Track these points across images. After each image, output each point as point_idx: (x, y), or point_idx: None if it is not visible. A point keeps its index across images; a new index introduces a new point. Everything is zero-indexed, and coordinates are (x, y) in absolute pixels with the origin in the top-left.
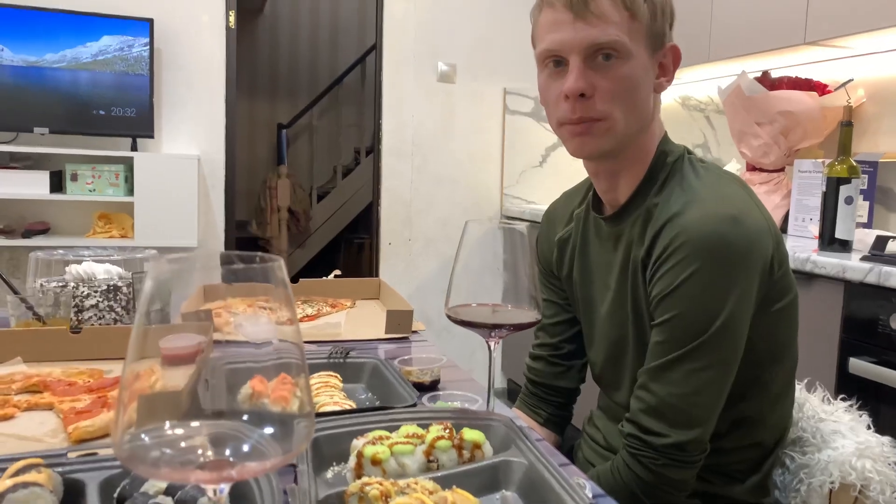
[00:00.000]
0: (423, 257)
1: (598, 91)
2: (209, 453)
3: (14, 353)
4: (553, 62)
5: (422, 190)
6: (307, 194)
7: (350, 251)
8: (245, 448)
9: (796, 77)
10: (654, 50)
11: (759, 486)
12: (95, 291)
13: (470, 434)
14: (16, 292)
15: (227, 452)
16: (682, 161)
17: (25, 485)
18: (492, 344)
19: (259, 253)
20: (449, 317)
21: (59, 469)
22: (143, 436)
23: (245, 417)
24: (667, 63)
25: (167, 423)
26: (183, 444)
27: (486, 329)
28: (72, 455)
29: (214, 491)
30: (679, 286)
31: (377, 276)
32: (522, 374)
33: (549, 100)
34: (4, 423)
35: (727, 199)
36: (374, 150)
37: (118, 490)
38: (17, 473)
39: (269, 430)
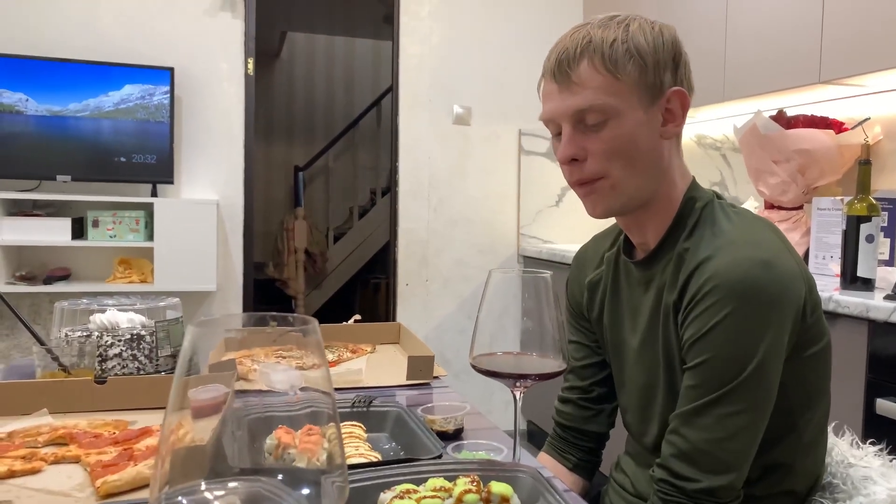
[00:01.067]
0: (441, 297)
1: (590, 154)
2: None
3: (40, 405)
4: (554, 130)
5: (438, 231)
6: (323, 235)
7: (366, 291)
8: None
9: (812, 115)
10: (651, 101)
11: None
12: (119, 340)
13: (497, 487)
14: (41, 343)
15: None
16: (711, 206)
17: None
18: (517, 394)
19: (293, 314)
20: (473, 366)
21: None
22: (179, 497)
23: (280, 476)
24: (673, 108)
25: (203, 484)
26: None
27: (512, 379)
28: None
29: None
30: (711, 330)
31: (395, 316)
32: (550, 417)
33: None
34: (33, 476)
35: (759, 244)
36: (390, 191)
37: None
38: None
39: (304, 491)
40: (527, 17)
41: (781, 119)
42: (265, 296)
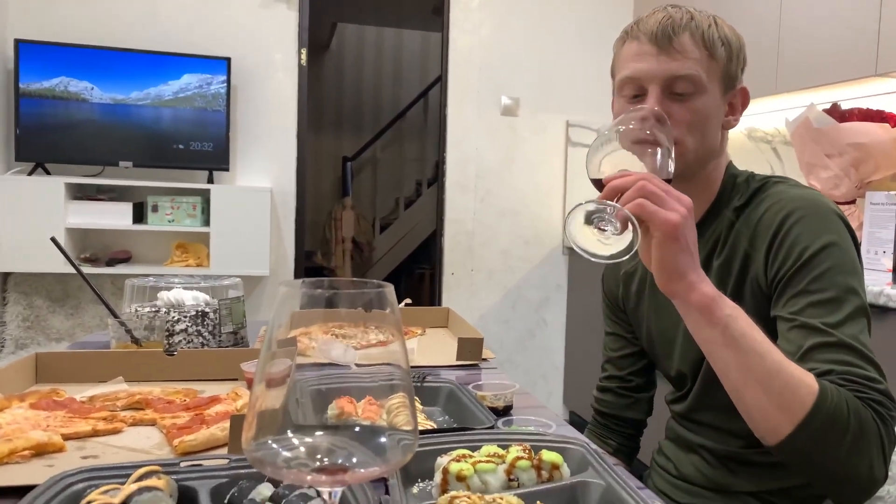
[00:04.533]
0: (486, 288)
1: (672, 118)
2: (326, 460)
3: (116, 373)
4: (631, 91)
5: (484, 222)
6: (370, 225)
7: (411, 280)
8: (355, 458)
9: (867, 108)
10: (726, 89)
11: None
12: (185, 317)
13: (548, 455)
14: (116, 316)
15: (340, 460)
16: (752, 178)
17: (149, 489)
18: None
19: (373, 280)
20: (594, 179)
21: (174, 477)
22: (269, 441)
23: (357, 429)
24: (736, 103)
25: (289, 432)
26: (303, 450)
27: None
28: (183, 465)
29: (329, 494)
30: (817, 253)
31: (440, 305)
32: (590, 405)
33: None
34: (114, 436)
35: (806, 188)
36: (437, 181)
37: (227, 497)
38: (140, 479)
39: (378, 441)
40: (576, 10)
41: (836, 112)
42: None
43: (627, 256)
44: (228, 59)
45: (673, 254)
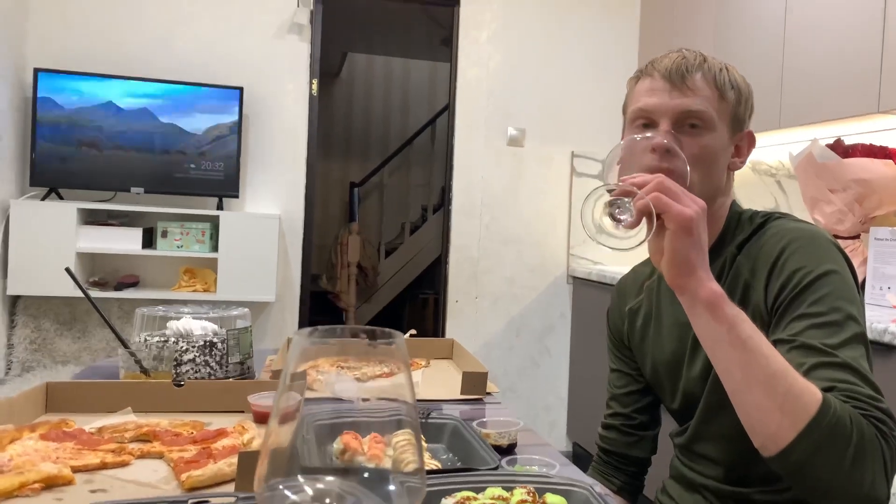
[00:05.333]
0: (490, 315)
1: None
2: None
3: (125, 404)
4: (642, 125)
5: (489, 249)
6: (376, 250)
7: (415, 306)
8: (365, 502)
9: (871, 144)
10: (734, 131)
11: None
12: (193, 347)
13: (553, 499)
14: (126, 346)
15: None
16: (756, 214)
17: None
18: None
19: (381, 328)
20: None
21: None
22: (280, 486)
23: (366, 474)
24: (742, 147)
25: (299, 477)
26: (311, 494)
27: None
28: (191, 502)
29: None
30: (807, 276)
31: (444, 331)
32: (594, 442)
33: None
34: (122, 469)
35: (806, 221)
36: (442, 208)
37: None
38: None
39: (387, 488)
40: (583, 44)
41: (839, 147)
42: (318, 308)
43: (639, 244)
44: (241, 89)
45: (686, 247)
